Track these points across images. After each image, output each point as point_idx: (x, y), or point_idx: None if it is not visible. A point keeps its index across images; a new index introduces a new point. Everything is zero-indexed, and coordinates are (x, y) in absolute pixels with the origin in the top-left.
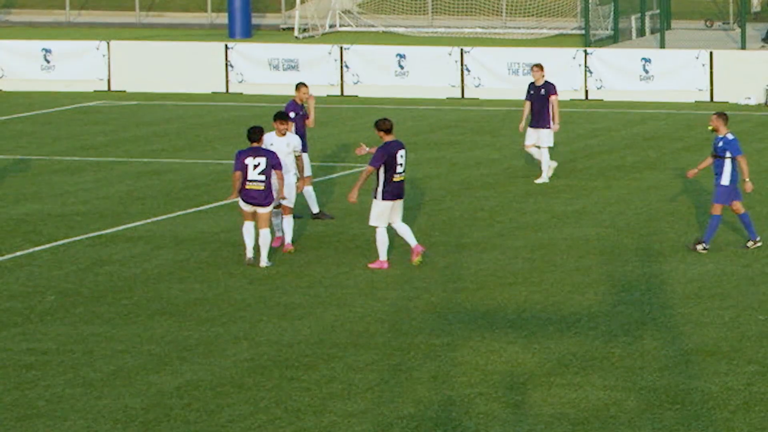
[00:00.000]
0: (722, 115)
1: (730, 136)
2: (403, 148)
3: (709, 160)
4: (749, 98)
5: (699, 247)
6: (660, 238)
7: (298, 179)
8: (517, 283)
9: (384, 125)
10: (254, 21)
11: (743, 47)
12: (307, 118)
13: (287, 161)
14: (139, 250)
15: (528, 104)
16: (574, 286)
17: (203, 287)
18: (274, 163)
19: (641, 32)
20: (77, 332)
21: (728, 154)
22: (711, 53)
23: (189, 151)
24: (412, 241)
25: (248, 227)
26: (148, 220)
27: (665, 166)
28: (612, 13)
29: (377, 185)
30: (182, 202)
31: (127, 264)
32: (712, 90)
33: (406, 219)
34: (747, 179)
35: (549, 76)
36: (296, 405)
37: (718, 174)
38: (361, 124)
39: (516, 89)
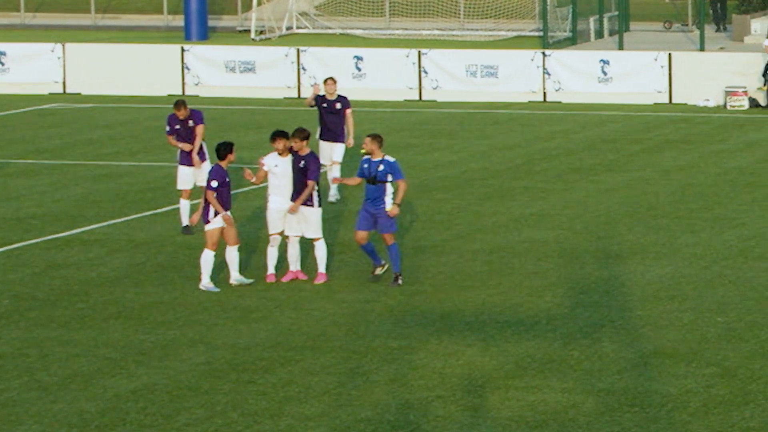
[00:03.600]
0: (377, 138)
1: (390, 159)
2: None
3: (356, 180)
4: (708, 100)
5: (399, 281)
6: (618, 241)
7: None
8: (475, 286)
9: (306, 134)
10: (210, 23)
11: (702, 49)
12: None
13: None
14: (95, 254)
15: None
16: (533, 289)
17: (159, 291)
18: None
19: (599, 34)
20: (32, 336)
21: (390, 178)
22: (670, 55)
23: (145, 154)
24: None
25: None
26: (104, 224)
27: (623, 169)
28: (570, 14)
29: (313, 194)
30: (138, 205)
31: (82, 267)
32: (670, 92)
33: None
34: (399, 203)
35: (507, 79)
36: (253, 409)
37: (379, 199)
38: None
39: (474, 91)
